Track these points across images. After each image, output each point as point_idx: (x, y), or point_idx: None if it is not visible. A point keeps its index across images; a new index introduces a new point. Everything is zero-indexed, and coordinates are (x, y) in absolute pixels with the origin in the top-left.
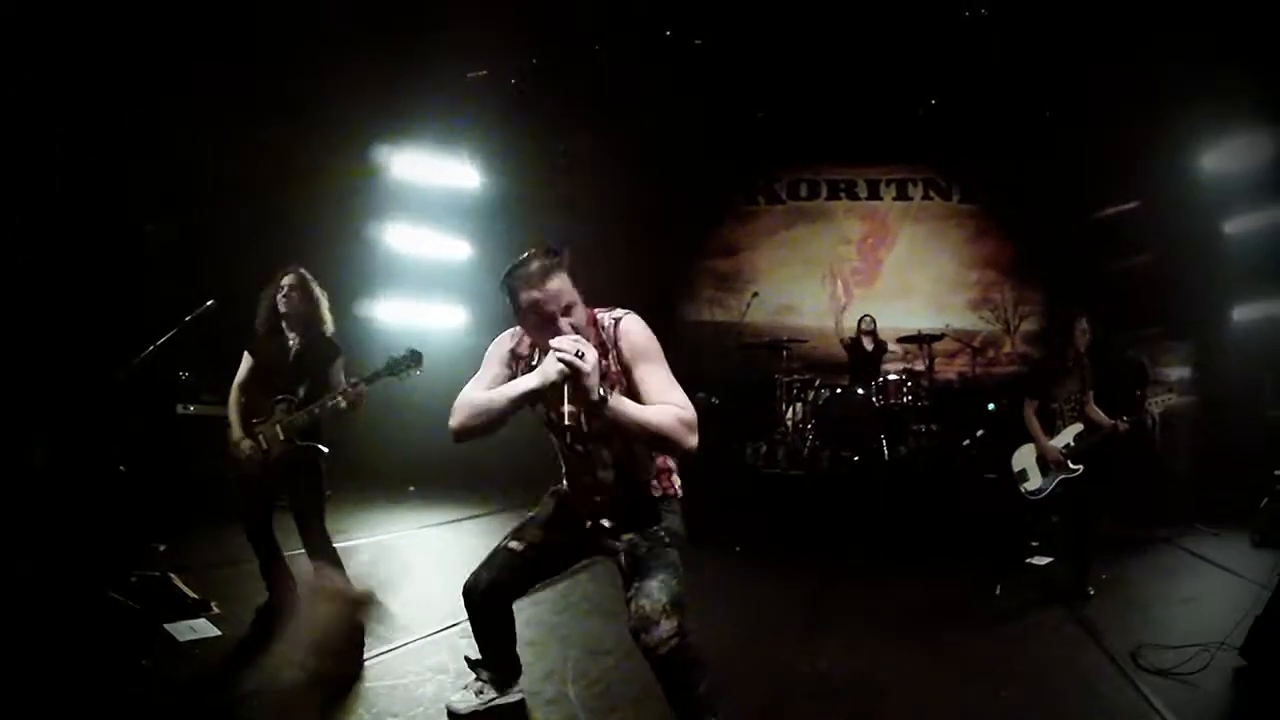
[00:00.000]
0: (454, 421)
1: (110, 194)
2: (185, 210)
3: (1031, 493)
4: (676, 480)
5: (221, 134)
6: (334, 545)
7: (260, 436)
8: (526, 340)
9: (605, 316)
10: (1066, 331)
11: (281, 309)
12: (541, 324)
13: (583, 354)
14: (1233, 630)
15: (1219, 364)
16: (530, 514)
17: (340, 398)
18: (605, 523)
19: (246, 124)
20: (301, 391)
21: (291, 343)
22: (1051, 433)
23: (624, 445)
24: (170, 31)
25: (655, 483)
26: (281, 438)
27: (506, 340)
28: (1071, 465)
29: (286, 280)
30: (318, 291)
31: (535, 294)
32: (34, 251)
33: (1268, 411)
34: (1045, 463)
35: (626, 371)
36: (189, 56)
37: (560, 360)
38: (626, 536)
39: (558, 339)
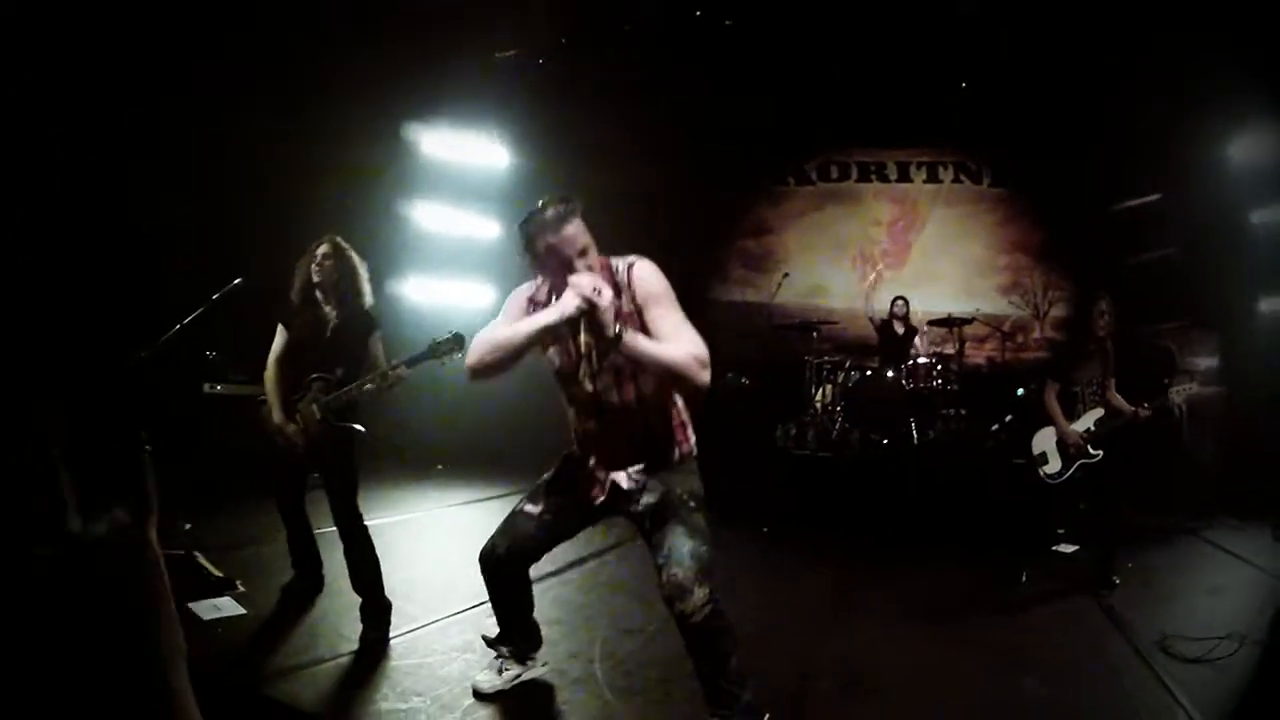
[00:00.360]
0: (471, 358)
1: (138, 173)
2: (213, 189)
3: (1051, 476)
4: (691, 435)
5: (249, 113)
6: (365, 524)
7: (297, 415)
8: (544, 288)
9: (619, 262)
10: (1086, 314)
11: (315, 279)
12: (558, 268)
13: (599, 290)
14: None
15: (1247, 354)
16: (544, 477)
17: (379, 380)
18: (621, 480)
19: (274, 103)
20: (339, 370)
21: (328, 315)
22: (1072, 417)
23: (637, 392)
24: (198, 10)
25: (670, 437)
26: (318, 417)
27: (525, 290)
28: (1091, 450)
29: (321, 249)
30: (355, 260)
31: (551, 239)
32: (60, 230)
33: None
34: (1065, 446)
35: (639, 313)
36: (214, 35)
37: (579, 295)
38: (647, 500)
39: (576, 276)
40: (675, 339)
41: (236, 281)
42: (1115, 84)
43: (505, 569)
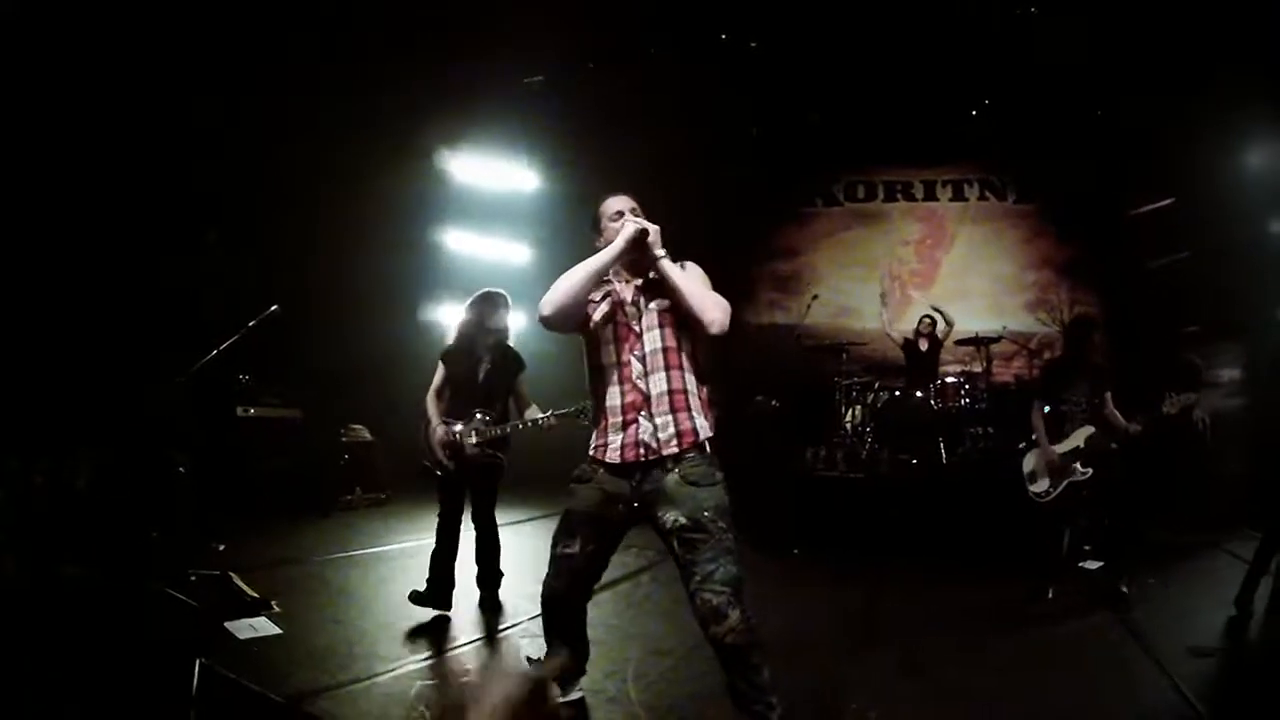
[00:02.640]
0: (544, 309)
1: (172, 201)
2: (247, 216)
3: (1038, 495)
4: (711, 419)
5: (283, 140)
6: (498, 522)
7: (458, 435)
8: (607, 287)
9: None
10: (1081, 341)
11: (472, 329)
12: (617, 218)
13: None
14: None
15: (1270, 366)
16: (566, 509)
17: (532, 423)
18: (643, 444)
19: (306, 130)
20: (498, 406)
21: (482, 359)
22: (1060, 437)
23: (676, 339)
24: (225, 41)
25: (696, 412)
26: (474, 442)
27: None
28: (1080, 468)
29: (477, 303)
30: (505, 310)
31: (611, 198)
32: (96, 257)
33: None
34: (1051, 466)
35: None
36: (246, 66)
37: (634, 224)
38: (675, 518)
39: (630, 216)
40: (703, 289)
41: (273, 309)
42: (1137, 96)
43: (567, 607)
